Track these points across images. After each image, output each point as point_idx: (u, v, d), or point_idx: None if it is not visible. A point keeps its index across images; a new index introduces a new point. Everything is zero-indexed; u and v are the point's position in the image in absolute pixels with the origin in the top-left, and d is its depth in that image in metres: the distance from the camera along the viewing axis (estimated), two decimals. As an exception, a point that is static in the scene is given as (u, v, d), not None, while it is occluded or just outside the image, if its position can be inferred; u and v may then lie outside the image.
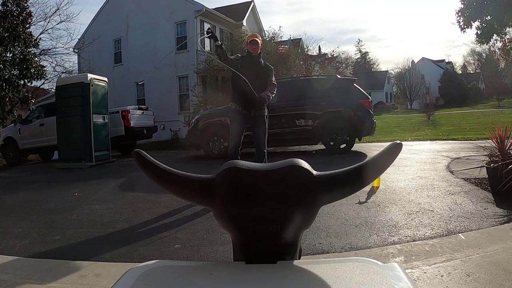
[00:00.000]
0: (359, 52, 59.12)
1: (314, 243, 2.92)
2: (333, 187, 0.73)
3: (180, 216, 3.93)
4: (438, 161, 6.22)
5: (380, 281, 0.59)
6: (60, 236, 3.57)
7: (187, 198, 0.80)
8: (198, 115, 9.36)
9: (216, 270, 0.70)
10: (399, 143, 0.74)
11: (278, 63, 14.84)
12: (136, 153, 0.78)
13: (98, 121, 8.95)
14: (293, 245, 0.73)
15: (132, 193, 5.36)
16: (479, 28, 11.33)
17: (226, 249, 2.87)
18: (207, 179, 0.75)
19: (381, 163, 0.76)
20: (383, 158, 0.75)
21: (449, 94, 43.41)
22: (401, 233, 3.03)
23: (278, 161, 0.73)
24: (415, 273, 2.28)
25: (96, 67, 15.36)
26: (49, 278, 2.59)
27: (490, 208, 3.52)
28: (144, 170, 0.78)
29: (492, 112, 23.45)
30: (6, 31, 9.86)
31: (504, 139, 4.04)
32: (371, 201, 3.98)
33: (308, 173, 0.71)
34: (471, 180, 4.60)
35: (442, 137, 10.43)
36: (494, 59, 49.47)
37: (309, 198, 0.71)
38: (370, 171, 0.75)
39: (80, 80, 8.99)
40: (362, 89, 8.07)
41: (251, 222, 0.70)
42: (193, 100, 15.14)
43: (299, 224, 0.71)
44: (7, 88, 9.90)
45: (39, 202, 5.13)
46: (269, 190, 0.70)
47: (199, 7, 16.11)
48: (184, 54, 16.32)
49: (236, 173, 0.72)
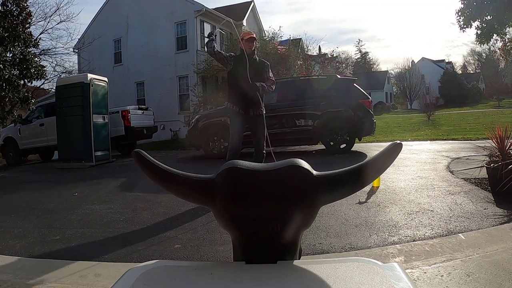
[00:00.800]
0: (359, 52, 59.18)
1: (314, 243, 2.92)
2: (333, 187, 0.73)
3: (180, 216, 3.93)
4: (438, 161, 6.22)
5: (380, 281, 0.59)
6: (60, 236, 3.57)
7: (187, 198, 0.80)
8: (198, 115, 9.37)
9: (216, 270, 0.70)
10: (399, 143, 0.74)
11: (278, 63, 14.85)
12: (136, 153, 0.78)
13: (98, 121, 8.95)
14: (293, 245, 0.73)
15: (132, 193, 5.36)
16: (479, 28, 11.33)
17: (226, 249, 2.87)
18: (207, 179, 0.75)
19: (381, 163, 0.76)
20: (383, 158, 0.74)
21: (449, 94, 43.41)
22: (401, 233, 3.02)
23: (278, 161, 0.73)
24: (415, 273, 2.28)
25: (96, 67, 15.36)
26: (49, 278, 2.59)
27: (490, 208, 3.52)
28: (144, 170, 0.78)
29: (492, 112, 23.45)
30: (6, 31, 9.86)
31: (504, 139, 4.04)
32: (371, 201, 3.98)
33: (308, 173, 0.71)
34: (471, 180, 4.60)
35: (442, 137, 10.43)
36: (494, 59, 49.48)
37: (309, 198, 0.70)
38: (370, 171, 0.75)
39: (80, 80, 8.99)
40: (362, 89, 8.07)
41: (251, 222, 0.70)
42: (193, 100, 15.14)
43: (299, 224, 0.71)
44: (7, 88, 9.91)
45: (39, 202, 5.13)
46: (269, 190, 0.70)
47: (199, 7, 16.11)
48: (184, 54, 16.34)
49: (236, 173, 0.72)
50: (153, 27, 16.67)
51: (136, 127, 10.79)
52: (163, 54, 16.61)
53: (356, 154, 7.47)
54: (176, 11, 16.43)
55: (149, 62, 16.80)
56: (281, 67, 14.77)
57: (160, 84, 16.60)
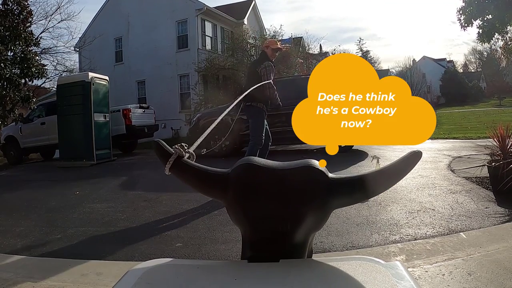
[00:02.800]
0: (360, 51, 59.05)
1: (315, 242, 2.91)
2: (347, 192, 0.72)
3: (182, 215, 3.93)
4: (440, 160, 6.21)
5: (382, 280, 0.59)
6: (61, 235, 3.57)
7: (201, 189, 0.81)
8: (199, 113, 9.36)
9: (217, 268, 0.70)
10: (419, 152, 0.72)
11: (279, 62, 14.84)
12: (155, 143, 0.79)
13: (99, 119, 8.96)
14: (302, 245, 0.72)
15: (133, 192, 5.36)
16: (481, 26, 11.31)
17: (228, 247, 2.87)
18: (222, 173, 0.75)
19: (398, 171, 0.74)
20: (401, 166, 0.73)
21: (450, 93, 43.33)
22: (403, 232, 3.02)
23: (294, 161, 0.73)
24: (416, 272, 2.28)
25: (97, 65, 15.38)
26: (50, 277, 2.59)
27: (491, 207, 3.51)
28: (161, 159, 0.78)
29: (493, 111, 23.40)
30: (6, 30, 9.86)
31: (506, 138, 4.03)
32: (372, 199, 3.97)
33: (323, 175, 0.70)
34: (472, 179, 4.59)
35: (443, 136, 10.41)
36: (495, 58, 49.29)
37: (321, 200, 0.70)
38: (387, 179, 0.74)
39: (81, 79, 9.00)
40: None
41: (261, 219, 0.70)
42: (194, 98, 15.15)
43: (310, 226, 0.70)
44: (8, 87, 9.91)
45: (40, 200, 5.13)
46: (281, 188, 0.69)
47: (200, 5, 16.10)
48: (185, 52, 16.33)
49: (250, 169, 0.71)
50: (154, 25, 16.67)
51: (137, 126, 10.80)
52: (164, 52, 16.60)
53: (357, 153, 7.45)
54: (177, 10, 16.42)
55: (150, 60, 16.79)
56: (282, 65, 14.77)
57: (161, 82, 16.60)
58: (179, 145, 0.80)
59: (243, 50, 15.82)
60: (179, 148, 0.80)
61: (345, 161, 6.22)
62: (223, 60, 15.61)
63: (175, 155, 0.78)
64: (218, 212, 3.80)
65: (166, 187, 4.98)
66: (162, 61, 16.64)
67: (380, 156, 4.34)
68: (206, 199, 4.08)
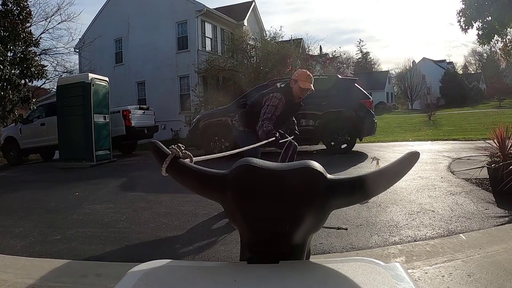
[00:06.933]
0: (360, 52, 59.11)
1: (315, 243, 2.91)
2: (346, 192, 0.72)
3: (181, 216, 3.93)
4: (439, 161, 6.21)
5: (382, 281, 0.59)
6: (61, 235, 3.57)
7: (199, 191, 0.80)
8: (199, 114, 9.37)
9: (217, 270, 0.70)
10: (416, 152, 0.72)
11: (278, 63, 14.85)
12: (153, 144, 0.79)
13: (99, 120, 8.96)
14: (300, 246, 0.72)
15: (133, 193, 5.36)
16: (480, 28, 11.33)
17: (227, 249, 2.87)
18: (220, 174, 0.75)
19: (397, 172, 0.74)
20: (399, 166, 0.73)
21: (450, 94, 43.32)
22: (402, 233, 3.02)
23: (293, 162, 0.73)
24: (416, 273, 2.28)
25: (97, 67, 15.39)
26: (50, 278, 2.59)
27: (491, 209, 3.52)
28: (159, 160, 0.78)
29: (493, 112, 23.40)
30: (6, 30, 9.86)
31: (505, 139, 4.03)
32: (372, 201, 3.97)
33: (321, 176, 0.70)
34: (472, 181, 4.60)
35: (443, 137, 10.42)
36: (495, 60, 49.37)
37: (320, 201, 0.70)
38: (385, 179, 0.74)
39: (81, 79, 9.00)
40: (363, 89, 8.06)
41: (260, 220, 0.70)
42: (194, 100, 15.14)
43: (308, 227, 0.70)
44: (8, 88, 9.91)
45: (40, 201, 5.13)
46: (280, 190, 0.69)
47: (200, 7, 16.11)
48: (185, 53, 16.34)
49: (248, 170, 0.71)
50: (154, 27, 16.67)
51: (137, 127, 10.80)
52: (164, 54, 16.61)
53: (357, 154, 7.46)
54: (177, 11, 16.43)
55: (150, 62, 16.80)
56: (282, 67, 14.78)
57: (161, 84, 16.60)
58: (176, 145, 0.80)
59: (243, 51, 15.83)
60: (175, 149, 0.79)
61: (344, 162, 6.23)
62: (223, 62, 15.61)
63: (171, 155, 0.78)
64: (218, 213, 3.80)
65: (165, 188, 4.98)
66: (162, 62, 16.65)
67: (380, 158, 4.34)
68: (206, 201, 4.07)
